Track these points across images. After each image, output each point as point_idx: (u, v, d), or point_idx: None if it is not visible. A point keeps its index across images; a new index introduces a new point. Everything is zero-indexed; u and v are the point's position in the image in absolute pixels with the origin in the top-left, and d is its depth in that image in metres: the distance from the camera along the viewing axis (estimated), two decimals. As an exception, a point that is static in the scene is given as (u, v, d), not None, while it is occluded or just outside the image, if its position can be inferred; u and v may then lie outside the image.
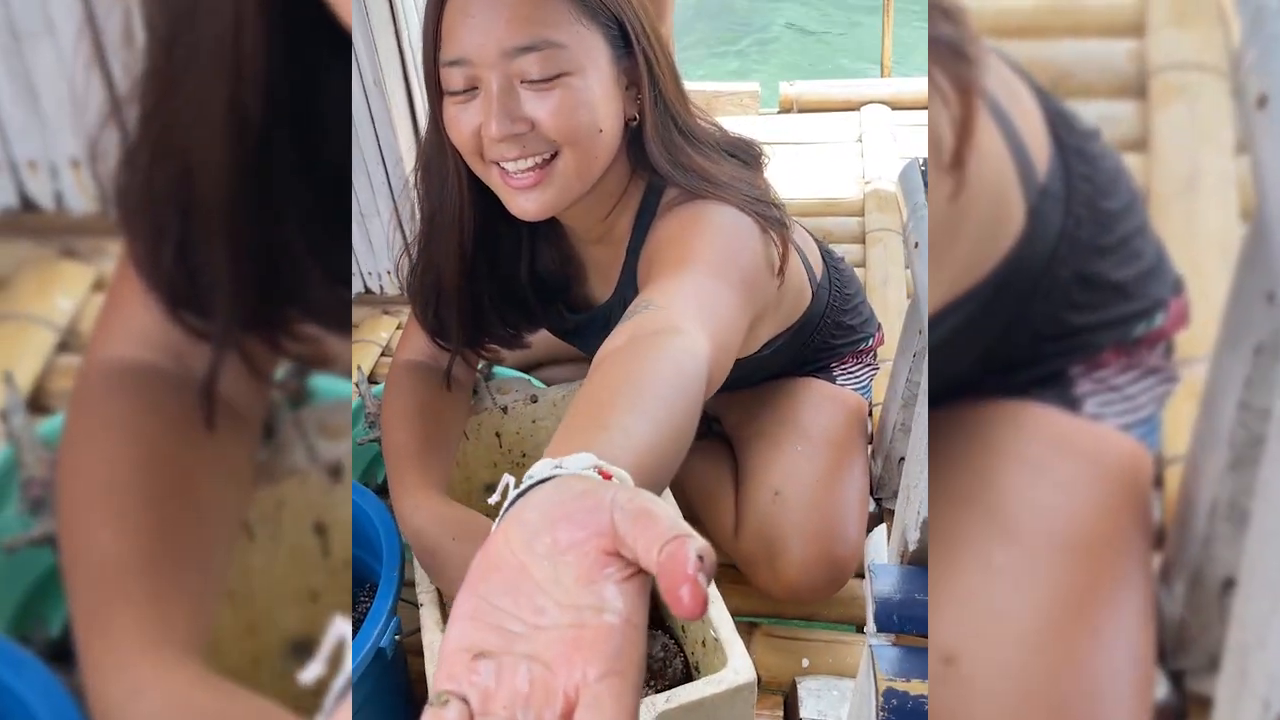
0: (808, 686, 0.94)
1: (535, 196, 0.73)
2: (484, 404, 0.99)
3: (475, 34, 0.67)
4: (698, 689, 0.68)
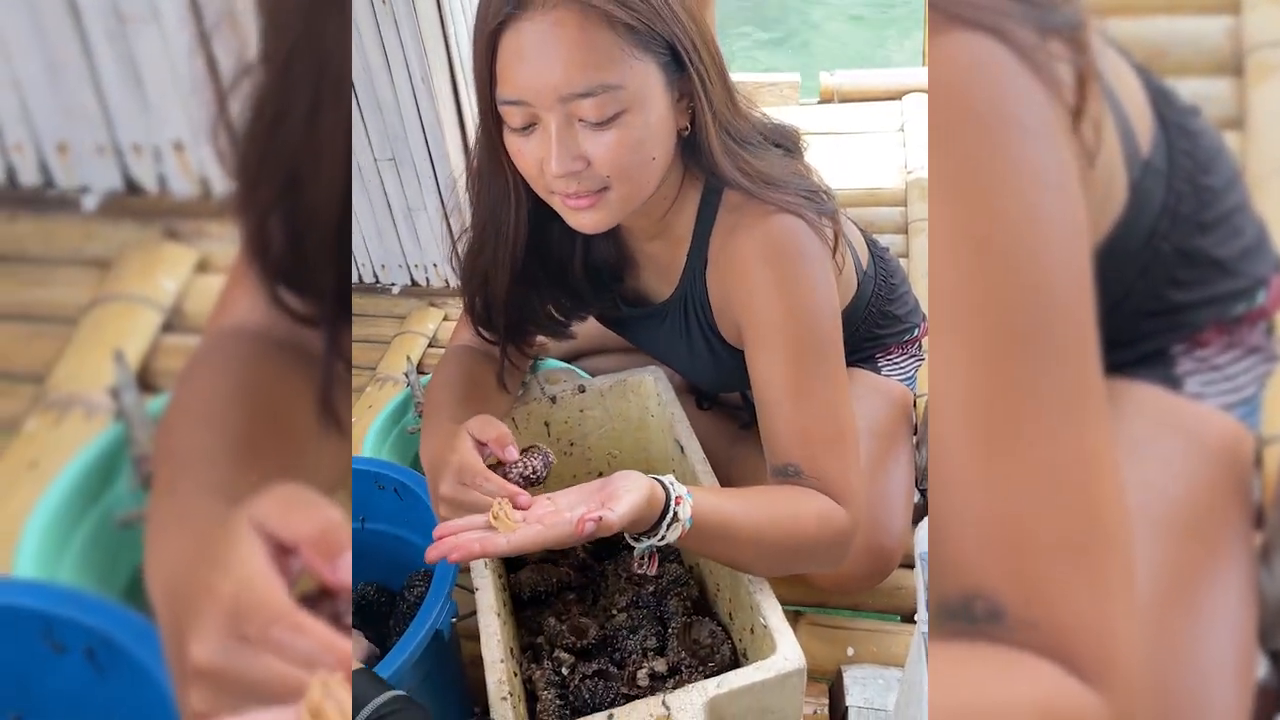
0: (853, 675, 0.93)
1: (590, 216, 0.74)
2: (532, 394, 0.98)
3: (532, 79, 0.67)
4: (747, 675, 0.66)
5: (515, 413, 0.97)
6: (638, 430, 1.02)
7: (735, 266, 0.81)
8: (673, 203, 0.83)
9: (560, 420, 0.99)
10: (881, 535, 0.98)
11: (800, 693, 0.69)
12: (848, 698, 0.89)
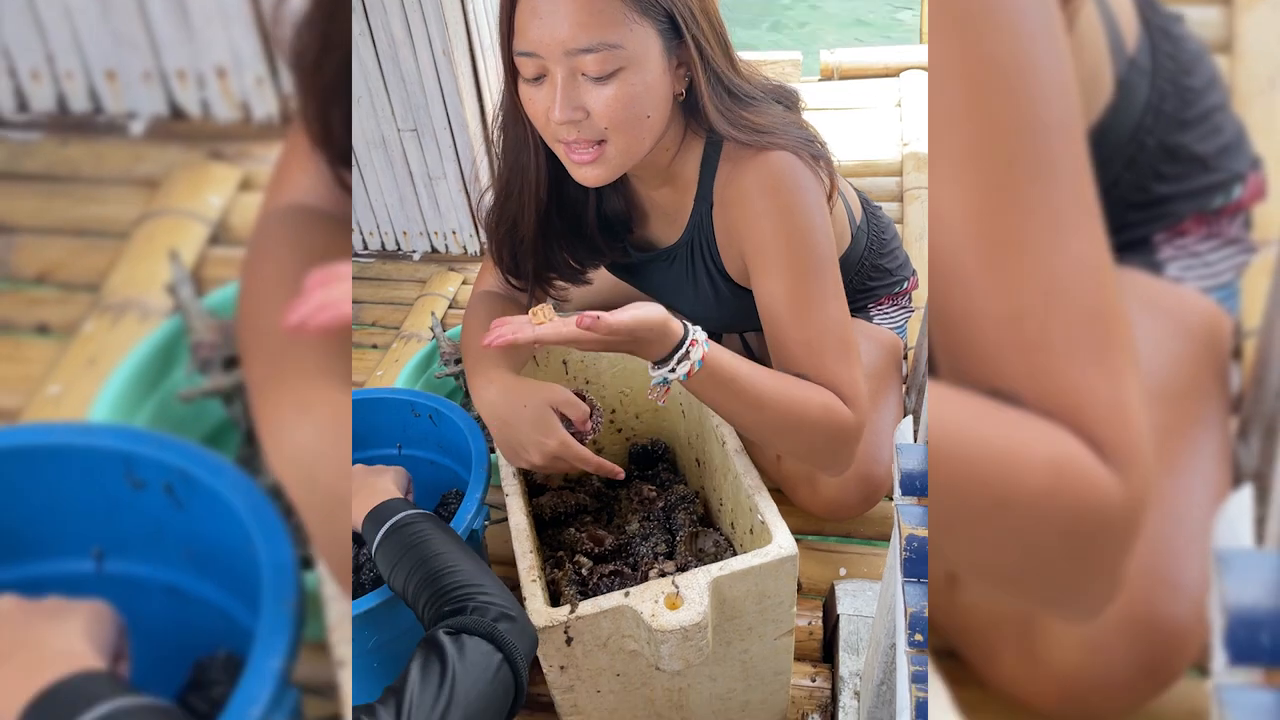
0: (845, 588, 1.01)
1: (592, 170, 0.80)
2: None
3: (543, 33, 0.73)
4: (747, 560, 0.72)
5: (536, 352, 1.05)
6: (648, 370, 1.11)
7: (737, 200, 0.87)
8: (676, 154, 0.89)
9: (576, 359, 1.07)
10: (872, 465, 1.06)
11: (793, 578, 0.75)
12: (839, 607, 0.98)
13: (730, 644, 0.78)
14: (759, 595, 0.75)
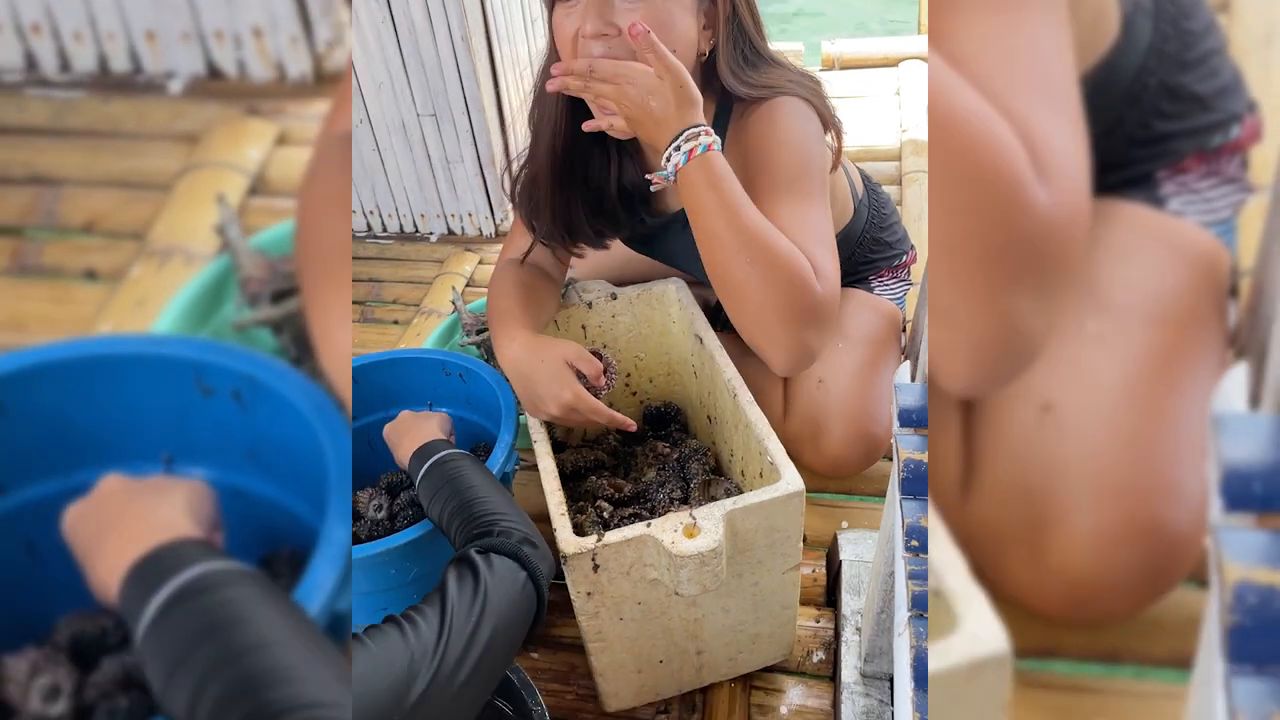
0: (847, 537, 1.05)
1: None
2: (571, 300, 1.08)
3: None
4: (758, 495, 0.76)
5: (558, 316, 1.10)
6: (661, 335, 1.15)
7: (745, 138, 0.90)
8: None
9: (595, 324, 1.12)
10: (872, 424, 1.11)
11: (800, 513, 0.79)
12: (841, 554, 1.02)
13: (742, 576, 0.83)
14: (769, 529, 0.80)
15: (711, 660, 0.91)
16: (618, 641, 0.84)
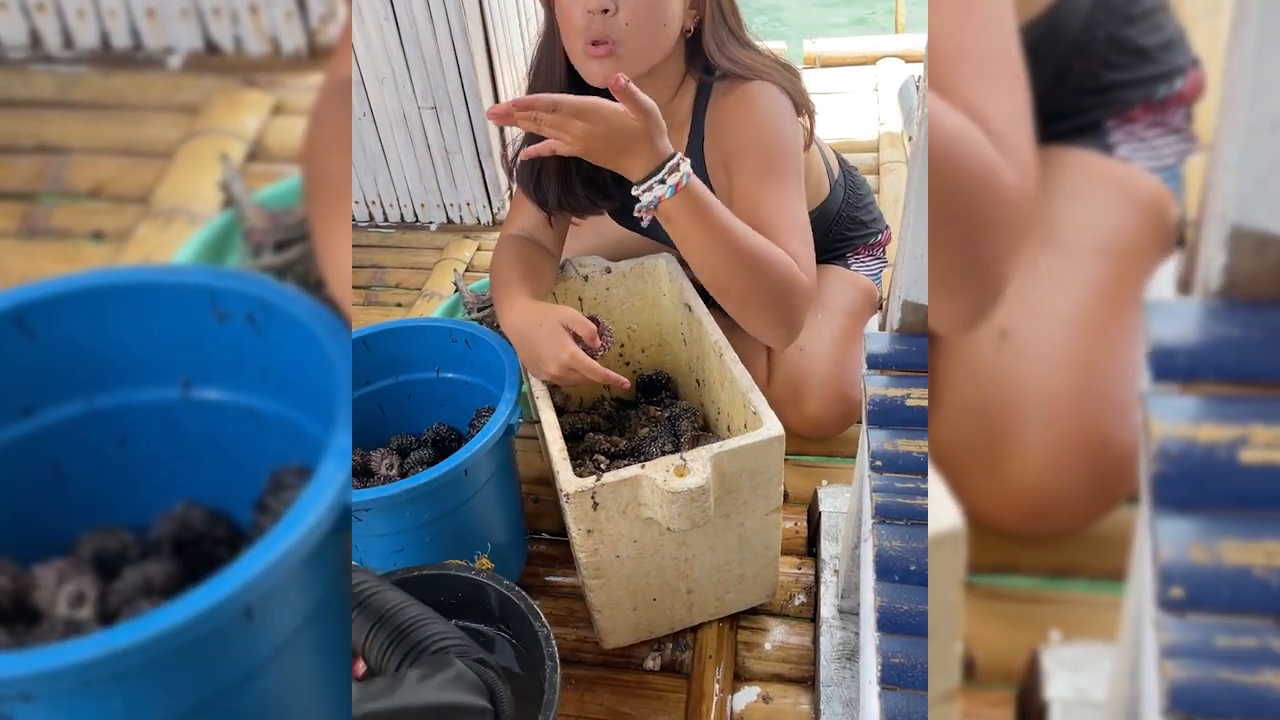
0: (826, 491, 1.08)
1: (605, 65, 0.89)
2: (568, 274, 1.13)
3: None
4: (743, 439, 0.80)
5: (555, 289, 1.15)
6: (653, 307, 1.19)
7: (722, 120, 0.96)
8: (675, 93, 0.99)
9: (590, 296, 1.16)
10: (849, 388, 1.17)
11: (780, 457, 0.84)
12: (820, 506, 1.07)
13: (728, 516, 0.87)
14: (752, 471, 0.84)
15: (701, 599, 0.95)
16: (615, 578, 0.88)
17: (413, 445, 1.07)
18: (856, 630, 0.92)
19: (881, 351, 0.71)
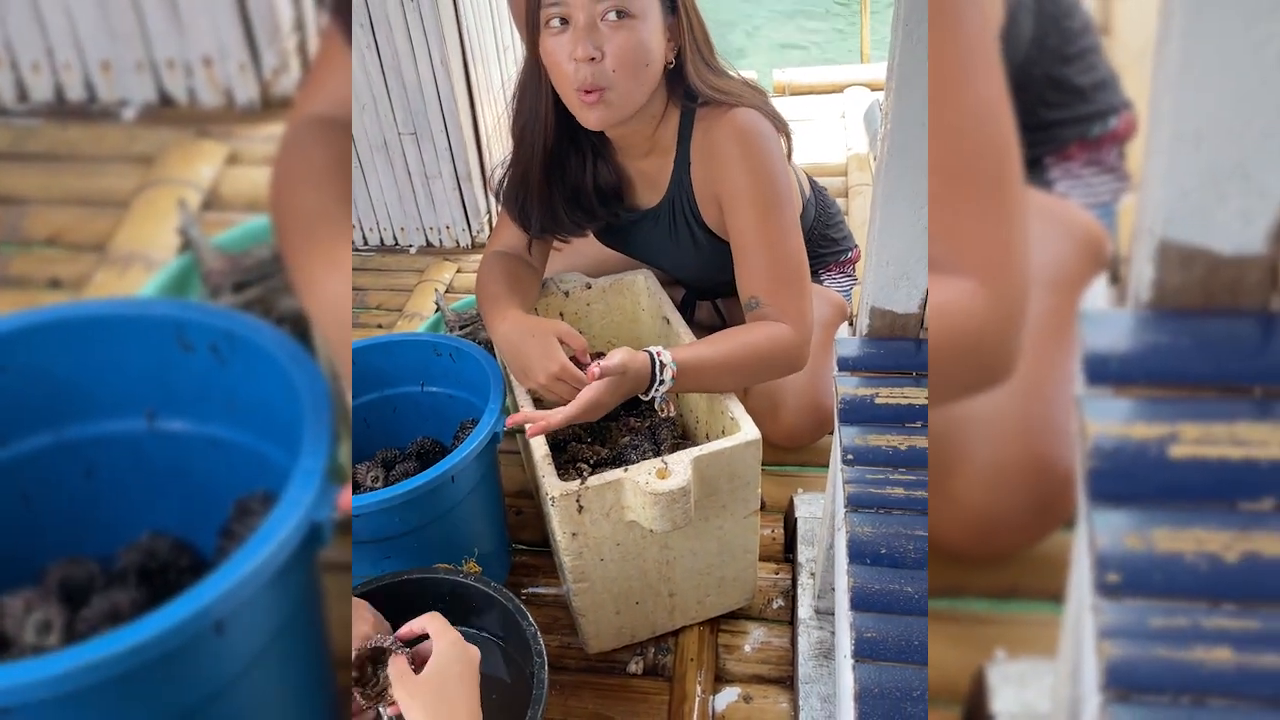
0: (802, 499, 1.11)
1: (596, 111, 0.91)
2: (549, 289, 1.14)
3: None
4: (722, 444, 0.82)
5: (537, 304, 1.17)
6: (632, 322, 1.21)
7: (711, 151, 0.99)
8: (659, 122, 1.02)
9: (571, 311, 1.18)
10: (823, 398, 1.19)
11: (757, 460, 0.86)
12: (797, 512, 1.10)
13: (708, 520, 0.89)
14: (730, 475, 0.86)
15: (682, 602, 0.97)
16: (599, 582, 0.90)
17: (397, 458, 1.09)
18: (833, 629, 0.95)
19: (852, 355, 0.74)
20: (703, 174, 1.04)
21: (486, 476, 0.98)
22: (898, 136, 0.63)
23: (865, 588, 0.59)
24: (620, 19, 0.89)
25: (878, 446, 0.68)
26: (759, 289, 0.97)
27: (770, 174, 0.97)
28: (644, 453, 1.03)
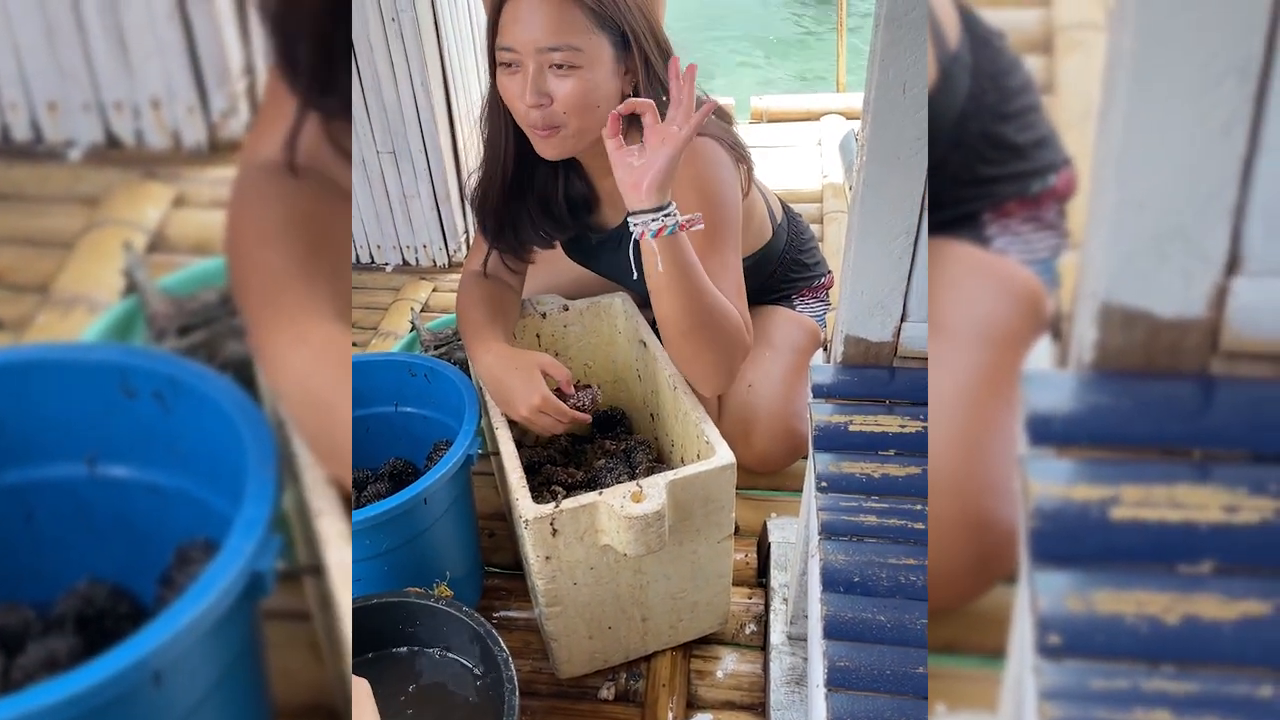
0: (775, 523, 1.09)
1: (550, 144, 0.94)
2: (526, 311, 1.13)
3: (520, 33, 0.88)
4: (696, 468, 0.82)
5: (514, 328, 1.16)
6: (608, 345, 1.20)
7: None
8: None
9: (548, 333, 1.17)
10: (796, 422, 1.20)
11: (731, 484, 0.85)
12: (770, 537, 1.10)
13: (682, 544, 0.88)
14: (705, 499, 0.86)
15: (655, 627, 0.96)
16: (572, 606, 0.89)
17: (369, 479, 1.08)
18: (805, 655, 0.95)
19: (826, 382, 0.74)
20: None
21: (460, 499, 0.97)
22: (873, 169, 0.64)
23: (838, 616, 0.59)
24: (564, 70, 0.90)
25: (851, 474, 0.68)
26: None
27: (719, 198, 0.99)
28: (619, 476, 1.03)
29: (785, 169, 2.05)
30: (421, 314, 1.72)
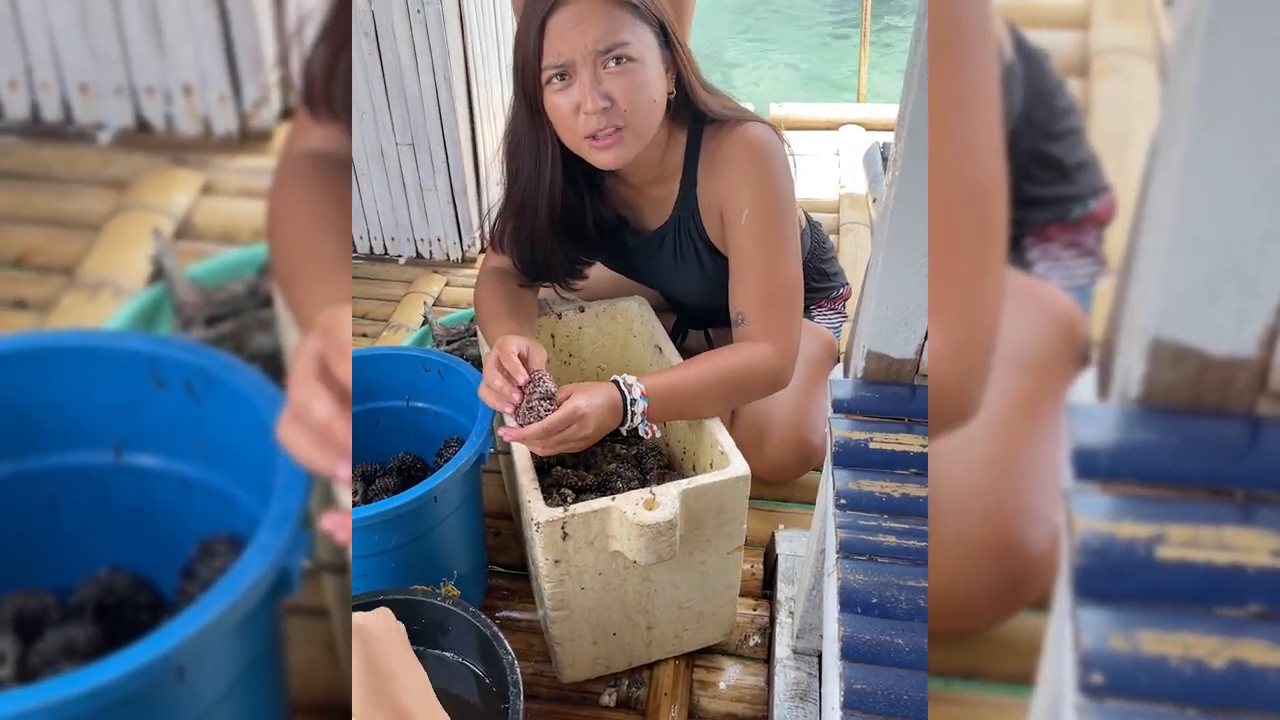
0: (783, 535, 1.09)
1: (612, 152, 0.91)
2: (543, 312, 1.12)
3: (575, 40, 0.87)
4: (710, 477, 0.81)
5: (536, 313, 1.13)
6: (623, 347, 1.19)
7: (718, 164, 0.99)
8: (665, 149, 1.01)
9: (563, 334, 1.16)
10: (809, 433, 1.19)
11: (745, 496, 0.85)
12: (778, 549, 1.09)
13: (692, 554, 0.88)
14: (717, 509, 0.85)
15: (660, 636, 0.96)
16: (578, 611, 0.89)
17: (377, 473, 1.07)
18: (810, 671, 0.94)
19: (846, 397, 0.73)
20: (710, 187, 1.03)
21: (469, 497, 0.96)
22: (905, 182, 0.63)
23: (856, 637, 0.58)
24: (621, 64, 0.89)
25: (870, 492, 0.67)
26: (748, 305, 0.97)
27: (777, 188, 0.97)
28: (629, 481, 1.02)
29: (802, 177, 2.02)
30: (434, 308, 1.71)
